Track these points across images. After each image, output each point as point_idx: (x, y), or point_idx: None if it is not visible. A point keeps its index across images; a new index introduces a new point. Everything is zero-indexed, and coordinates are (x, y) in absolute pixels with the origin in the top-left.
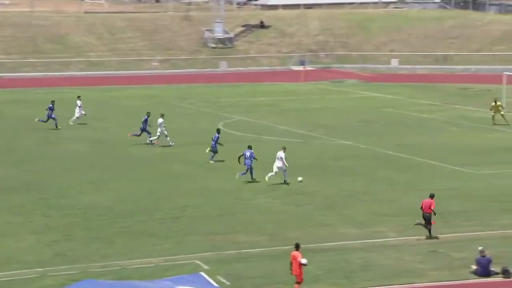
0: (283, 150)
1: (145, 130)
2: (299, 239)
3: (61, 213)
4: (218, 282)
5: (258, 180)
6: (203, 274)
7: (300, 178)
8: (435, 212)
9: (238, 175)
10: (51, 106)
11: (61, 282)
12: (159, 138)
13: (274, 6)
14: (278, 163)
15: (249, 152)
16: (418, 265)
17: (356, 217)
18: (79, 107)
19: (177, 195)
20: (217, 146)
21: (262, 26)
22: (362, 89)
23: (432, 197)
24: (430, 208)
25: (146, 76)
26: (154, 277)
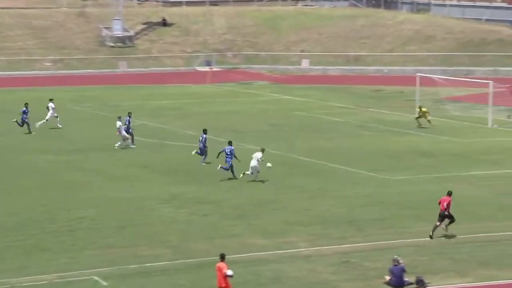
0: (262, 151)
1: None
2: (206, 251)
3: None
4: None
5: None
6: None
7: (269, 164)
8: (449, 211)
9: (219, 168)
10: (25, 109)
11: None
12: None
13: (178, 3)
14: (253, 163)
15: (229, 148)
16: (331, 276)
17: (266, 227)
18: (52, 110)
19: (73, 206)
20: (205, 147)
21: (164, 23)
22: (272, 91)
23: (449, 194)
24: (447, 205)
25: (38, 77)
26: None
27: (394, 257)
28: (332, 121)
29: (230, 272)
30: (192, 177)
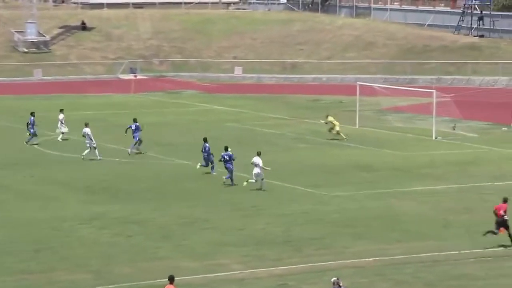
0: (259, 155)
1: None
2: (130, 276)
3: None
4: None
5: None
6: None
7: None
8: (506, 219)
9: (223, 178)
10: (32, 119)
11: None
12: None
13: (98, 5)
14: (256, 170)
15: (227, 155)
16: None
17: (196, 248)
18: (61, 122)
19: None
20: (211, 156)
21: (84, 27)
22: (202, 101)
23: (505, 201)
24: (504, 212)
25: None
26: None
27: (334, 279)
28: (266, 133)
29: None
30: (115, 194)
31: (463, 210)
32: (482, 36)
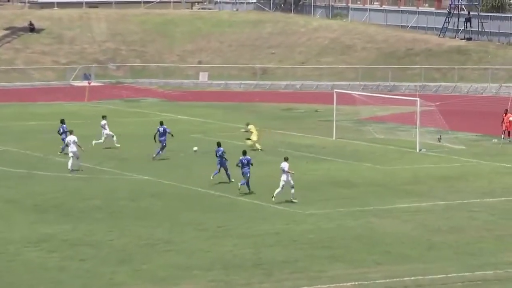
0: (286, 160)
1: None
2: None
3: None
4: None
5: (253, 191)
6: None
7: (195, 148)
8: None
9: (239, 185)
10: (64, 126)
11: None
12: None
13: (48, 4)
14: (284, 176)
15: (246, 159)
16: None
17: (156, 272)
18: (104, 127)
19: None
20: (225, 161)
21: (32, 29)
22: (164, 110)
23: None
24: None
25: None
26: None
27: None
28: (235, 145)
29: None
30: (66, 213)
31: (450, 229)
32: (469, 39)
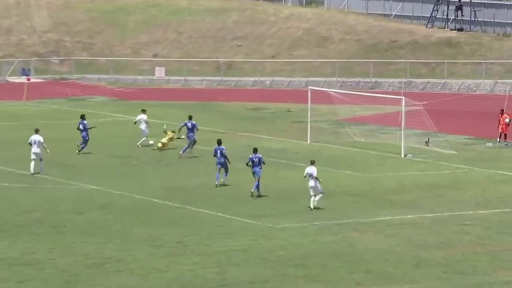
0: (313, 164)
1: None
2: None
3: None
4: None
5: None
6: None
7: (151, 141)
8: None
9: (252, 190)
10: (85, 122)
11: None
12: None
13: None
14: (311, 182)
15: (257, 157)
16: None
17: None
18: (145, 123)
19: None
20: (226, 160)
21: None
22: (116, 110)
23: None
24: None
25: None
26: None
27: None
28: (196, 150)
29: None
30: (1, 228)
31: (439, 245)
32: (461, 29)
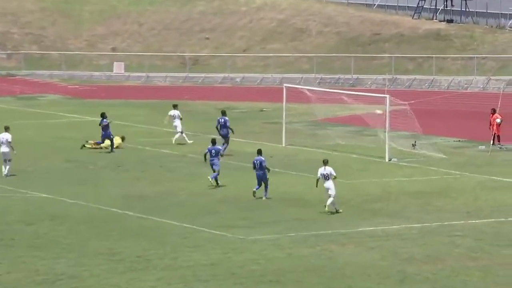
0: (326, 163)
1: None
2: None
3: None
4: None
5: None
6: None
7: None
8: None
9: (264, 196)
10: (105, 121)
11: None
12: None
13: None
14: (328, 183)
15: (259, 160)
16: None
17: None
18: (178, 119)
19: None
20: (218, 161)
21: None
22: (69, 110)
23: None
24: None
25: None
26: None
27: None
28: (160, 154)
29: None
30: None
31: (427, 258)
32: (450, 21)
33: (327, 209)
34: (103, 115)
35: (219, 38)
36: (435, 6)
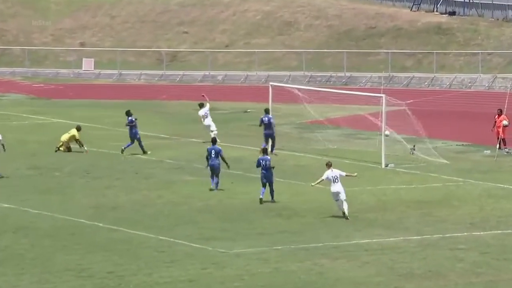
0: (330, 166)
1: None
2: None
3: None
4: None
5: (277, 201)
6: None
7: None
8: None
9: (270, 200)
10: (132, 119)
11: None
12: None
13: None
14: (338, 187)
15: (264, 159)
16: None
17: None
18: (206, 115)
19: None
20: (219, 163)
21: None
22: (33, 111)
23: None
24: None
25: None
26: None
27: None
28: (135, 159)
29: None
30: None
31: (427, 274)
32: (453, 13)
33: (347, 216)
34: (129, 113)
35: (199, 32)
36: None
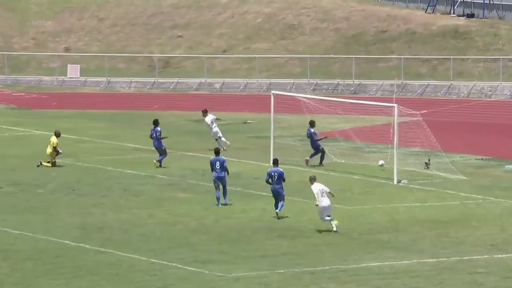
0: (314, 180)
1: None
2: None
3: None
4: None
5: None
6: None
7: None
8: None
9: (278, 212)
10: (158, 130)
11: None
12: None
13: None
14: (324, 202)
15: (276, 171)
16: None
17: None
18: (215, 123)
19: None
20: (225, 174)
21: None
22: (13, 122)
23: None
24: None
25: None
26: None
27: None
28: (124, 175)
29: None
30: None
31: None
32: (471, 15)
33: (336, 229)
34: (156, 123)
35: (195, 36)
36: None
